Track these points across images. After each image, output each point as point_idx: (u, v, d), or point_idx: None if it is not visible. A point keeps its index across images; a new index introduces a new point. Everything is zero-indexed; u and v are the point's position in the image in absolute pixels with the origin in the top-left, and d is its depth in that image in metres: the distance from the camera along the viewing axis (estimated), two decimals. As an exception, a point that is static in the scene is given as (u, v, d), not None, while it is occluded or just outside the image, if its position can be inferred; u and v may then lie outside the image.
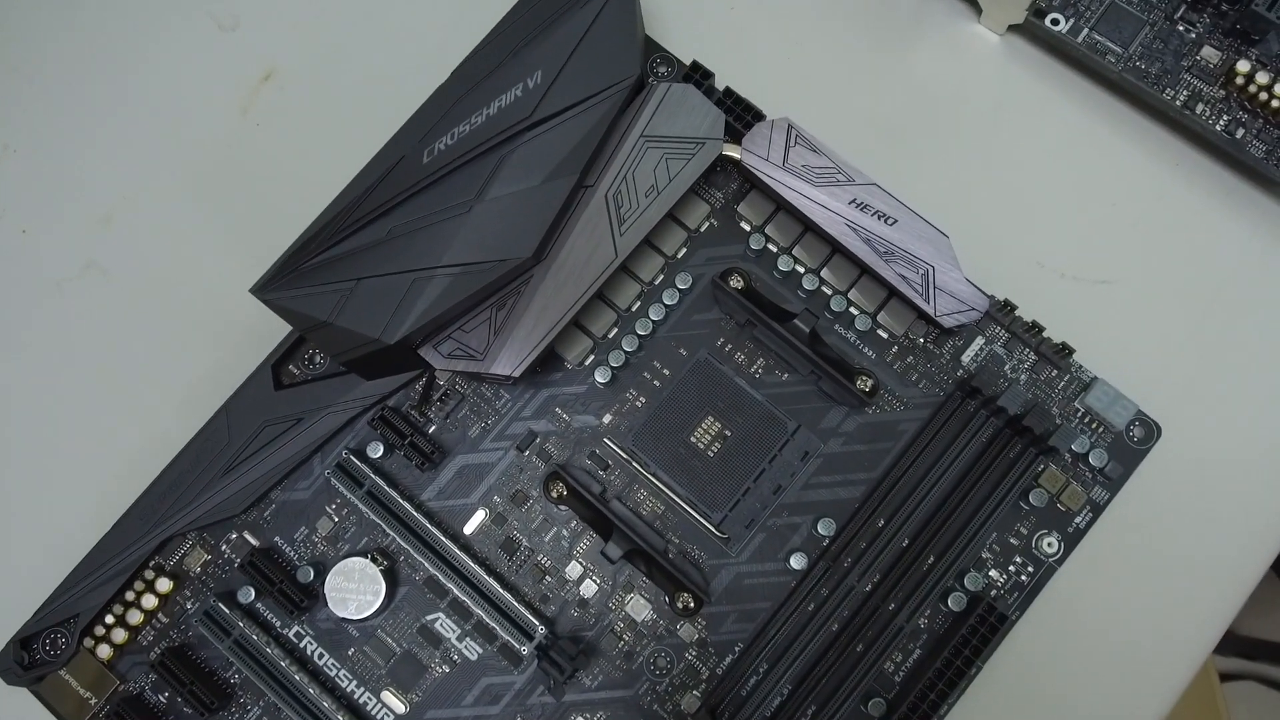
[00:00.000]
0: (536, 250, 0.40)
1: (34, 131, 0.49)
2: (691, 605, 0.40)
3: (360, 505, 0.42)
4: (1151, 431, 0.42)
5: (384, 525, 0.41)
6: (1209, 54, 0.45)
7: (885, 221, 0.41)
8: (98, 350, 0.47)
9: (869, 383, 0.42)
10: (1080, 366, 0.42)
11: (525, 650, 0.40)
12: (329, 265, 0.40)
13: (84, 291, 0.47)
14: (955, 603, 0.40)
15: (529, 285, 0.41)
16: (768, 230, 0.44)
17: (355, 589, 0.41)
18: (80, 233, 0.48)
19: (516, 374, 0.40)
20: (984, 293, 0.41)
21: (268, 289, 0.40)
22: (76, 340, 0.47)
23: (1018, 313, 0.43)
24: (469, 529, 0.42)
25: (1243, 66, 0.44)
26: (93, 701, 0.41)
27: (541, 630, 0.40)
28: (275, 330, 0.45)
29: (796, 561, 0.41)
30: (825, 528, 0.41)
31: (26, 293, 0.47)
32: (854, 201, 0.41)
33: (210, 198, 0.48)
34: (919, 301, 0.41)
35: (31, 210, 0.48)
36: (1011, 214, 0.46)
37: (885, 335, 0.43)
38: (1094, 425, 0.42)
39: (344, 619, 0.41)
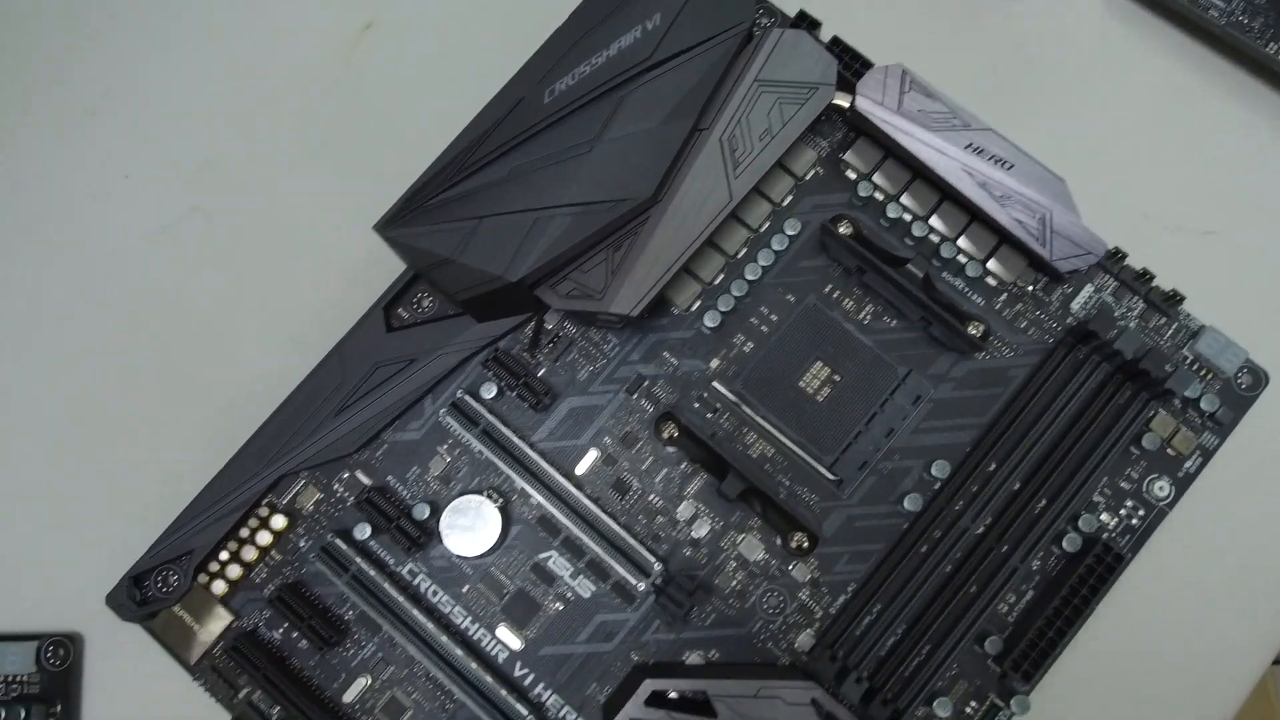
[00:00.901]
0: (655, 190, 0.40)
1: (135, 77, 0.49)
2: (805, 545, 0.41)
3: (475, 444, 0.42)
4: (1260, 379, 0.42)
5: (499, 463, 0.42)
6: (1314, 8, 0.45)
7: (1002, 166, 0.41)
8: (205, 293, 0.47)
9: (981, 328, 0.42)
10: (1188, 315, 0.43)
11: (641, 587, 0.41)
12: (451, 204, 0.40)
13: (188, 235, 0.48)
14: (1070, 544, 0.40)
15: (645, 226, 0.41)
16: (875, 178, 0.44)
17: (470, 525, 0.41)
18: (183, 178, 0.48)
19: (634, 313, 0.40)
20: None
21: (391, 226, 0.40)
22: (183, 283, 0.47)
23: (1126, 262, 0.43)
24: (580, 469, 0.42)
25: (1350, 19, 0.44)
26: (206, 638, 0.42)
27: (658, 567, 0.40)
28: (379, 273, 0.45)
29: (910, 504, 0.41)
30: (939, 470, 0.41)
31: (131, 238, 0.48)
32: (970, 146, 0.41)
33: (312, 144, 0.48)
34: (1035, 246, 0.41)
35: (133, 155, 0.49)
36: (1116, 167, 0.46)
37: (994, 283, 0.43)
38: (1202, 372, 0.42)
39: (459, 556, 0.41)
